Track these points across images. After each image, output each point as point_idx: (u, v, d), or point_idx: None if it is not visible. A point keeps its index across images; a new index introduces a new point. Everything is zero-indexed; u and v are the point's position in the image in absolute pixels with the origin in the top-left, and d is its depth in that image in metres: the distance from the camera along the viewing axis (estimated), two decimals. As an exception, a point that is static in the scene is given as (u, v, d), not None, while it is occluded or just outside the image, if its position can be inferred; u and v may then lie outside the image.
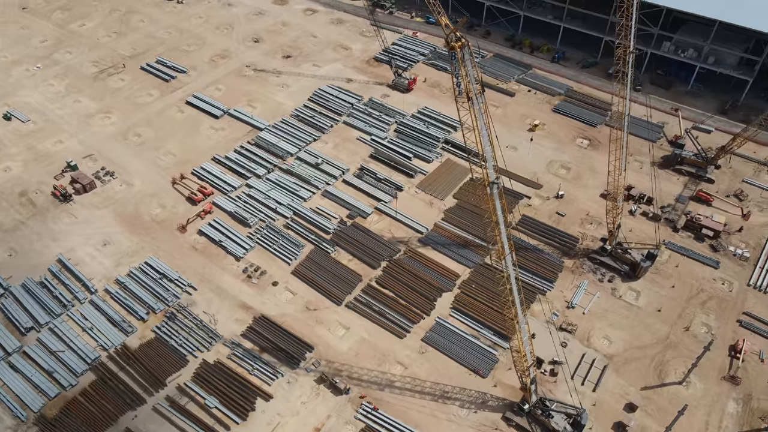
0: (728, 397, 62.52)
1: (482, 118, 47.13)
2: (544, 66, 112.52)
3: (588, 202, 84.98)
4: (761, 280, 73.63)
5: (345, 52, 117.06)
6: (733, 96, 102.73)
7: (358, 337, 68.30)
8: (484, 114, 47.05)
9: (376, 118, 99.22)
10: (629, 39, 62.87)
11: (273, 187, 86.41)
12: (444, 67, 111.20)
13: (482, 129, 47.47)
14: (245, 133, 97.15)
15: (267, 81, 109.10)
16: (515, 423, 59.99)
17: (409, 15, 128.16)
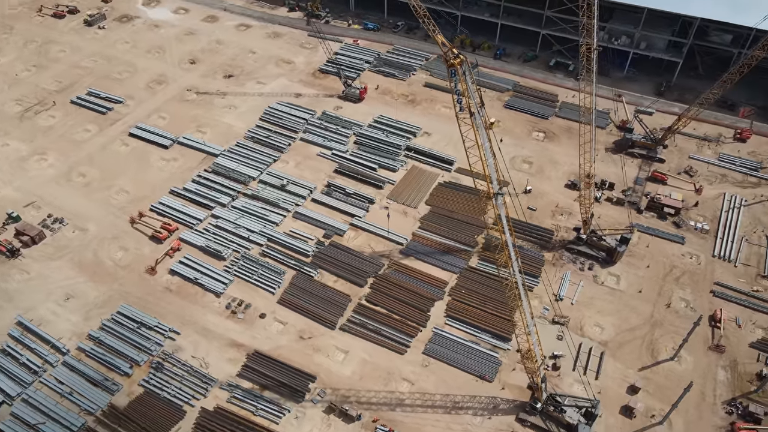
0: (717, 366, 66.16)
1: (484, 132, 46.96)
2: (487, 63, 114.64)
3: (555, 194, 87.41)
4: (724, 250, 78.34)
5: (288, 66, 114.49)
6: (666, 77, 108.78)
7: (358, 359, 67.02)
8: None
9: (333, 131, 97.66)
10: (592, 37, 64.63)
11: (241, 215, 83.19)
12: (392, 73, 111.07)
13: (484, 142, 47.22)
14: (200, 161, 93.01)
15: (212, 104, 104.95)
16: (530, 423, 60.81)
17: (347, 23, 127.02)
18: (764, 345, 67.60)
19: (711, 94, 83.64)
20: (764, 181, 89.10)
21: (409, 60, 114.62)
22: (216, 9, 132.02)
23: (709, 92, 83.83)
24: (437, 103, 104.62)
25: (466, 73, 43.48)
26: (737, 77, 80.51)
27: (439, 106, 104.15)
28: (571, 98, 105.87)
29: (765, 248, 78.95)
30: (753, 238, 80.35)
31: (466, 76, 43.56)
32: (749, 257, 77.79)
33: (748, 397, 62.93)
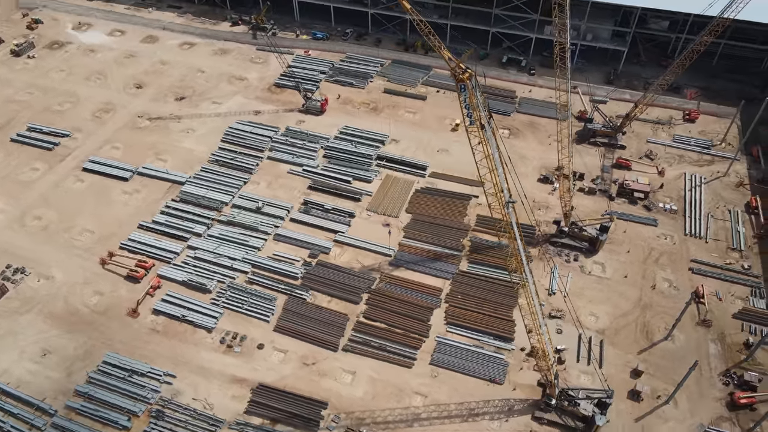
0: (707, 341, 69.46)
1: (494, 144, 47.07)
2: (441, 65, 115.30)
3: (530, 189, 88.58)
4: (694, 228, 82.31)
5: (241, 83, 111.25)
6: (613, 66, 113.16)
7: (367, 378, 65.98)
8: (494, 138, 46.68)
9: (300, 147, 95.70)
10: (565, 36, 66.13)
11: (219, 244, 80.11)
12: (349, 81, 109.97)
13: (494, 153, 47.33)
14: (165, 191, 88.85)
15: (168, 129, 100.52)
16: (546, 420, 61.73)
17: (294, 34, 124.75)
18: (746, 315, 71.51)
19: (665, 80, 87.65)
20: (717, 158, 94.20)
21: (365, 67, 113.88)
22: (154, 29, 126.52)
23: (662, 78, 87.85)
24: (399, 109, 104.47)
25: (476, 87, 43.22)
26: (688, 62, 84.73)
27: (402, 111, 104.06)
28: (527, 93, 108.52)
29: (729, 222, 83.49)
30: (717, 213, 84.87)
31: (476, 90, 43.29)
32: (717, 232, 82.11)
33: (740, 367, 66.37)
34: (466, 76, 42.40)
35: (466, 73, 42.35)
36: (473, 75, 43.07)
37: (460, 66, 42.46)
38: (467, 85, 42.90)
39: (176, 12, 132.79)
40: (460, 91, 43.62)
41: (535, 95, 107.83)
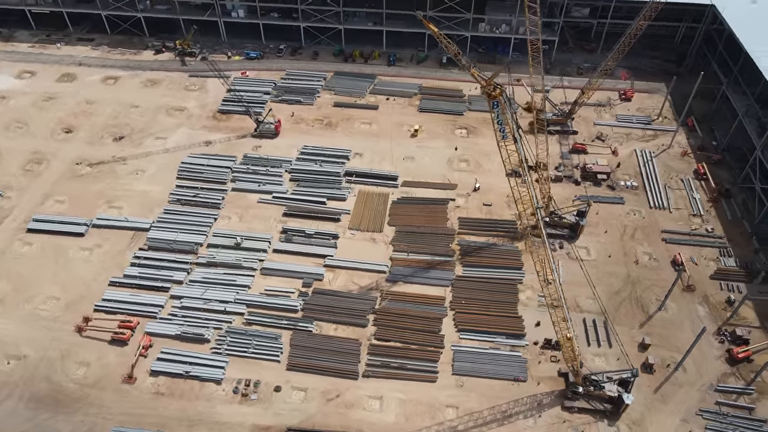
0: (694, 304, 74.56)
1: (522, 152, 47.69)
2: (384, 72, 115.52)
3: (501, 185, 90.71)
4: (656, 200, 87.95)
5: (182, 113, 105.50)
6: (547, 55, 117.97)
7: (395, 401, 65.04)
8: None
9: (264, 173, 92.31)
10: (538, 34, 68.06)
11: (205, 288, 75.70)
12: (296, 99, 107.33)
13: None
14: (130, 241, 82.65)
15: (115, 172, 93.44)
16: (576, 408, 63.75)
17: (225, 56, 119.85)
18: (721, 275, 77.47)
19: (608, 65, 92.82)
20: (659, 131, 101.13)
21: (308, 83, 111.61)
22: (69, 65, 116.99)
23: (606, 63, 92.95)
24: (354, 122, 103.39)
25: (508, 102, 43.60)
26: (627, 47, 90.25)
27: (357, 123, 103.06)
28: (474, 90, 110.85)
29: (685, 190, 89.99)
30: (672, 184, 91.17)
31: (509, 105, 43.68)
32: (677, 201, 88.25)
33: (728, 324, 71.83)
34: (497, 93, 42.65)
35: (496, 89, 42.60)
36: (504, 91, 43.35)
37: (491, 84, 42.60)
38: (500, 101, 43.16)
39: (89, 45, 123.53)
40: (493, 108, 43.82)
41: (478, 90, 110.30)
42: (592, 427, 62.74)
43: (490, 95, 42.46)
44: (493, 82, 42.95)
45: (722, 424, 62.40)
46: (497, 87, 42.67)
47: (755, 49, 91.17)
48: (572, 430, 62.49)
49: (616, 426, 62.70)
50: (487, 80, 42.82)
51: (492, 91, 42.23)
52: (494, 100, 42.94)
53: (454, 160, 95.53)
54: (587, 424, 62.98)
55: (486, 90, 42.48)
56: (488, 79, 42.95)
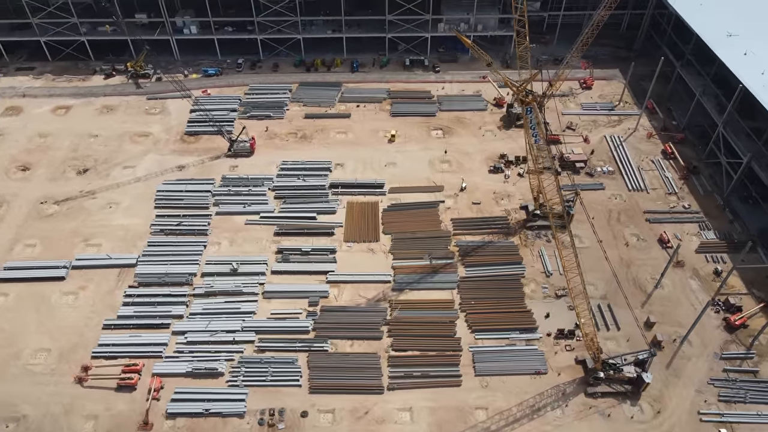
0: (686, 279, 78.36)
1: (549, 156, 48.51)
2: (349, 78, 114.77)
3: (486, 182, 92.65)
4: (633, 183, 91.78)
5: (146, 139, 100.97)
6: (504, 50, 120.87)
7: (425, 410, 64.91)
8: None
9: (246, 194, 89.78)
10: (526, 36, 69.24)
11: (208, 320, 72.92)
12: (266, 114, 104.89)
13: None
14: (117, 279, 78.46)
15: (85, 208, 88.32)
16: (599, 393, 65.72)
17: (182, 75, 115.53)
18: (705, 248, 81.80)
19: (573, 56, 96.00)
20: (623, 116, 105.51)
21: (274, 96, 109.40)
22: (12, 97, 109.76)
23: (571, 55, 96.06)
24: (329, 132, 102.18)
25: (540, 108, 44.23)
26: (592, 37, 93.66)
27: (332, 134, 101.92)
28: (441, 91, 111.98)
29: (656, 170, 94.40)
30: (644, 165, 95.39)
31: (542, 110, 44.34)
32: (652, 182, 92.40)
33: (720, 294, 75.94)
34: (530, 99, 43.28)
35: (529, 96, 43.20)
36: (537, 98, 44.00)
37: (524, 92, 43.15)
38: (533, 107, 43.79)
39: (30, 74, 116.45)
40: (527, 113, 44.40)
41: (449, 91, 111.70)
42: (617, 409, 64.86)
43: (524, 101, 43.09)
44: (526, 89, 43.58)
45: (733, 390, 65.93)
46: (529, 93, 43.35)
47: (705, 32, 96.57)
48: (599, 414, 64.40)
49: (639, 405, 65.07)
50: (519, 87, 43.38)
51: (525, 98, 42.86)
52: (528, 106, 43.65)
53: (436, 162, 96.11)
54: (612, 407, 65.05)
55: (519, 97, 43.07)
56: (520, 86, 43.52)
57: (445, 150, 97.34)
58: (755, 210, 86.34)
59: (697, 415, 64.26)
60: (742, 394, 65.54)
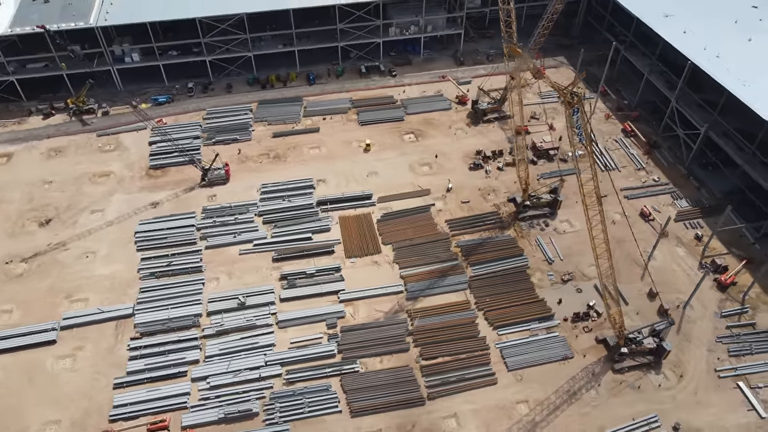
0: (673, 247, 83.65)
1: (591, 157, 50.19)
2: (308, 92, 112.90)
3: (469, 180, 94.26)
4: (604, 163, 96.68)
5: (109, 178, 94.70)
6: (455, 48, 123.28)
7: (469, 413, 65.51)
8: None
9: (233, 223, 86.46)
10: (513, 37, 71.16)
11: (228, 360, 69.77)
12: (232, 138, 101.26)
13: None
14: (115, 333, 73.33)
15: (60, 262, 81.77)
16: (626, 368, 69.00)
17: (130, 106, 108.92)
18: (682, 216, 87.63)
19: (531, 49, 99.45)
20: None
21: (236, 117, 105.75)
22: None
23: (530, 48, 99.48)
24: (302, 149, 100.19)
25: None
26: (548, 29, 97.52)
27: (306, 150, 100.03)
28: (403, 95, 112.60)
29: (621, 149, 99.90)
30: (609, 145, 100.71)
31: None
32: (620, 160, 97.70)
33: (705, 257, 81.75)
34: (576, 101, 44.60)
35: (575, 98, 44.53)
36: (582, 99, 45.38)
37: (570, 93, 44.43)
38: (580, 108, 45.15)
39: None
40: (573, 114, 45.69)
41: (410, 94, 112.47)
42: (645, 380, 68.41)
43: (570, 104, 44.40)
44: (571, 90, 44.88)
45: (739, 344, 71.29)
46: (575, 95, 44.69)
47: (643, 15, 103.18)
48: (630, 388, 67.65)
49: (663, 373, 68.94)
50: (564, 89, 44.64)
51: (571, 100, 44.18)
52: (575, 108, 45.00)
53: (416, 166, 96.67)
54: (639, 379, 68.51)
55: (566, 99, 44.35)
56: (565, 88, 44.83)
57: (436, 155, 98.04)
58: (716, 175, 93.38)
59: (714, 372, 68.91)
60: (748, 347, 71.00)
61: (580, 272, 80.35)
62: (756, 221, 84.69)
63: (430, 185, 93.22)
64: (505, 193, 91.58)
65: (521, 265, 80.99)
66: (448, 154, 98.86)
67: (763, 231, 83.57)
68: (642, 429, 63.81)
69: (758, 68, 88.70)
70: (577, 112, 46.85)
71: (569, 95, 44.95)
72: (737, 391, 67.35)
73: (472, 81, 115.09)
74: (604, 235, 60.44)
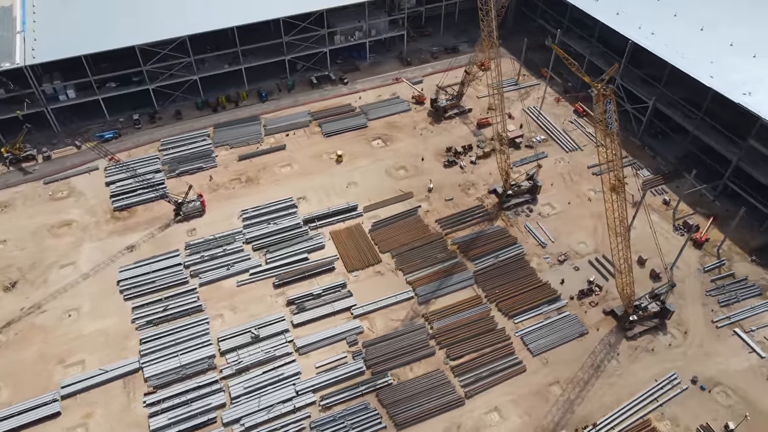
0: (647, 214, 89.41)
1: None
2: (263, 110, 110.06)
3: (447, 178, 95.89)
4: (567, 144, 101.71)
5: (71, 228, 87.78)
6: (399, 49, 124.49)
7: (509, 404, 67.11)
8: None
9: (222, 255, 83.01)
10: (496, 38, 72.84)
11: (256, 397, 67.16)
12: (196, 167, 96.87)
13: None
14: (125, 391, 68.39)
15: (41, 327, 75.01)
16: (637, 333, 73.40)
17: (75, 147, 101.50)
18: (647, 184, 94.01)
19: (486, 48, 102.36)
20: (528, 88, 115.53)
21: (195, 145, 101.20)
22: None
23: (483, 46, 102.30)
24: (272, 168, 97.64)
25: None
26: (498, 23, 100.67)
27: (277, 169, 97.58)
28: (359, 101, 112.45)
29: (578, 129, 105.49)
30: (566, 126, 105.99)
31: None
32: (579, 139, 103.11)
33: (677, 219, 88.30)
34: (609, 92, 46.83)
35: (608, 89, 46.74)
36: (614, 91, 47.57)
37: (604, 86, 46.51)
38: (612, 99, 47.40)
39: None
40: (606, 105, 47.83)
41: (366, 100, 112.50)
42: (656, 342, 73.10)
43: (605, 95, 46.51)
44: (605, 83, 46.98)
45: (726, 295, 77.82)
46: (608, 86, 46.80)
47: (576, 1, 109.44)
48: (645, 352, 72.04)
49: (669, 332, 73.99)
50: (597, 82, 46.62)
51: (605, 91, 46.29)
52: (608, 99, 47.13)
53: (392, 171, 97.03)
54: (651, 342, 73.11)
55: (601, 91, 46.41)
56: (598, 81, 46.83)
57: (422, 158, 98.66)
58: (666, 142, 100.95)
59: (712, 324, 74.85)
60: (734, 296, 77.64)
61: (573, 251, 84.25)
62: (711, 181, 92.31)
63: (411, 187, 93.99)
64: (484, 185, 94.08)
65: (518, 252, 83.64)
66: (419, 155, 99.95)
67: (720, 189, 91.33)
68: (666, 388, 68.11)
69: (690, 40, 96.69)
70: (609, 103, 49.37)
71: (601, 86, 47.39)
72: (735, 337, 73.52)
73: (424, 80, 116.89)
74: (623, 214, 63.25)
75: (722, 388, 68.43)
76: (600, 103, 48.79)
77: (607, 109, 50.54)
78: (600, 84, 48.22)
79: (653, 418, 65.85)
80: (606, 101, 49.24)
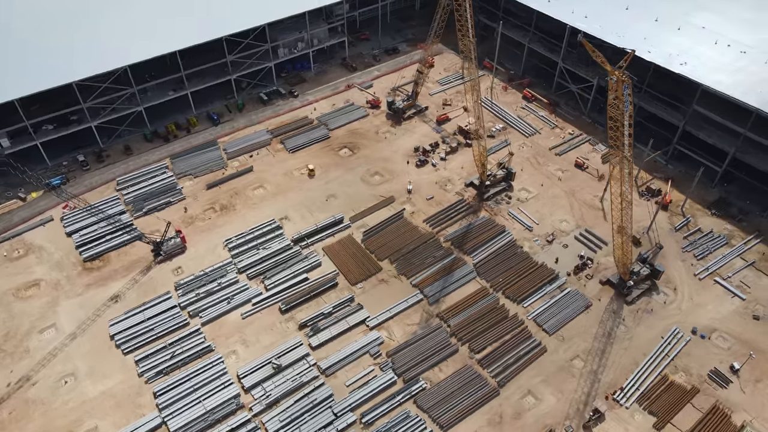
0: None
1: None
2: (217, 133, 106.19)
3: (422, 177, 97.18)
4: (525, 130, 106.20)
5: (40, 288, 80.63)
6: (341, 56, 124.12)
7: (540, 385, 69.59)
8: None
9: (218, 289, 79.66)
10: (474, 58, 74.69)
11: (297, 428, 65.31)
12: (163, 203, 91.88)
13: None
14: (152, 450, 64.20)
15: (35, 400, 68.54)
16: (635, 296, 78.46)
17: (21, 199, 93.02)
18: (607, 158, 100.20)
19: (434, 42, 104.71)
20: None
21: (155, 180, 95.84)
22: None
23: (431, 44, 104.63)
24: (245, 192, 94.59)
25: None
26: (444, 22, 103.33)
27: (250, 192, 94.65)
28: (314, 112, 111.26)
29: (531, 114, 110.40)
30: (520, 112, 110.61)
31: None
32: (538, 125, 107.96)
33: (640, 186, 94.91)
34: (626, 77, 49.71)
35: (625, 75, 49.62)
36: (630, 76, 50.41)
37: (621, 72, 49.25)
38: (629, 84, 50.30)
39: None
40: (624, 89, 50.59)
41: (322, 110, 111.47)
42: (652, 302, 78.49)
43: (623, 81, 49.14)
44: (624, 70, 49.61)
45: (699, 248, 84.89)
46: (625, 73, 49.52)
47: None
48: (646, 313, 77.22)
49: (662, 291, 79.71)
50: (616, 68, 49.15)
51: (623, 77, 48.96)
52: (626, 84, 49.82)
53: (367, 177, 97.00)
54: (648, 303, 78.43)
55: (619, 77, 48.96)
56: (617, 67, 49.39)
57: (408, 161, 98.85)
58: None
59: (695, 277, 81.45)
60: (707, 248, 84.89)
61: (558, 230, 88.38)
62: (660, 148, 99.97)
63: (390, 191, 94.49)
64: (459, 179, 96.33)
65: (509, 239, 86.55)
66: (392, 158, 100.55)
67: (670, 153, 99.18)
68: (672, 342, 73.49)
69: (620, 20, 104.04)
70: (627, 87, 52.36)
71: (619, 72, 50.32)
72: (717, 285, 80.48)
73: (374, 83, 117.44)
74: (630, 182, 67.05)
75: (719, 333, 74.77)
76: (618, 89, 51.88)
77: (624, 94, 53.77)
78: (618, 72, 51.33)
79: (669, 373, 70.79)
80: (624, 86, 52.40)
